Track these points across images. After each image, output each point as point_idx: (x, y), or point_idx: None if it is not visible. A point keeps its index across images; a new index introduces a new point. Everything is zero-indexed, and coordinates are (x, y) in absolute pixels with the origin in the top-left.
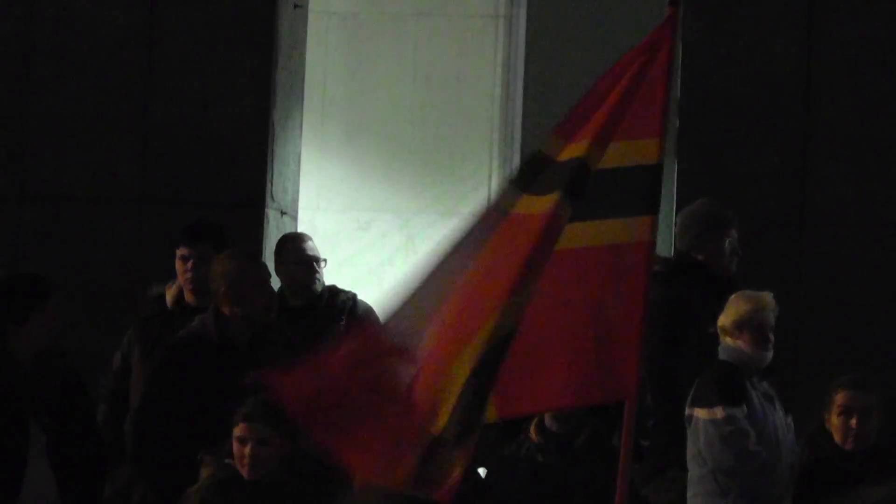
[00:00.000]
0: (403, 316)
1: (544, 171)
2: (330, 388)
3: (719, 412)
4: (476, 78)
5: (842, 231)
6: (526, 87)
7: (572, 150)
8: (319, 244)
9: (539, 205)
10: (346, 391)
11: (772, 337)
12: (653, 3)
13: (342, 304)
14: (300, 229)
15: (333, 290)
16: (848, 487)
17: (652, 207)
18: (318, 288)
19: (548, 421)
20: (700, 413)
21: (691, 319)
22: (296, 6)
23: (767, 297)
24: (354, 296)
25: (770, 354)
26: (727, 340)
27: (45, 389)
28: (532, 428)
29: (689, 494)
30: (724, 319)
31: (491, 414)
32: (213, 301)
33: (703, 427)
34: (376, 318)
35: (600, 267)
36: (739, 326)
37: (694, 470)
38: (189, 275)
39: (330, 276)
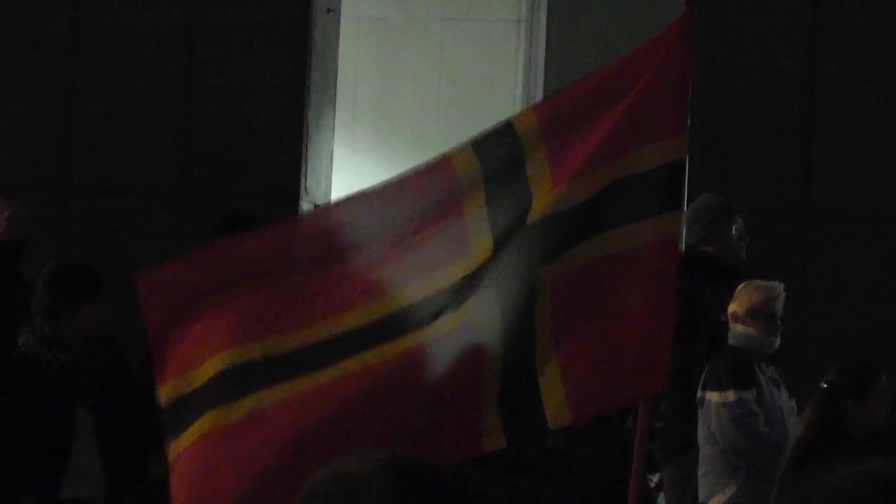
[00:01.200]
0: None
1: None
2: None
3: (731, 395)
4: (498, 79)
5: (843, 225)
6: (546, 88)
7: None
8: None
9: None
10: None
11: (780, 324)
12: (672, 6)
13: None
14: None
15: None
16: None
17: (677, 203)
18: None
19: None
20: (712, 396)
21: (702, 310)
22: (329, 10)
23: (778, 286)
24: None
25: (778, 341)
26: (738, 327)
27: (93, 372)
28: None
29: (700, 473)
30: (737, 307)
31: (564, 418)
32: None
33: (715, 409)
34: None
35: (634, 268)
36: (752, 314)
37: (705, 450)
38: None
39: None
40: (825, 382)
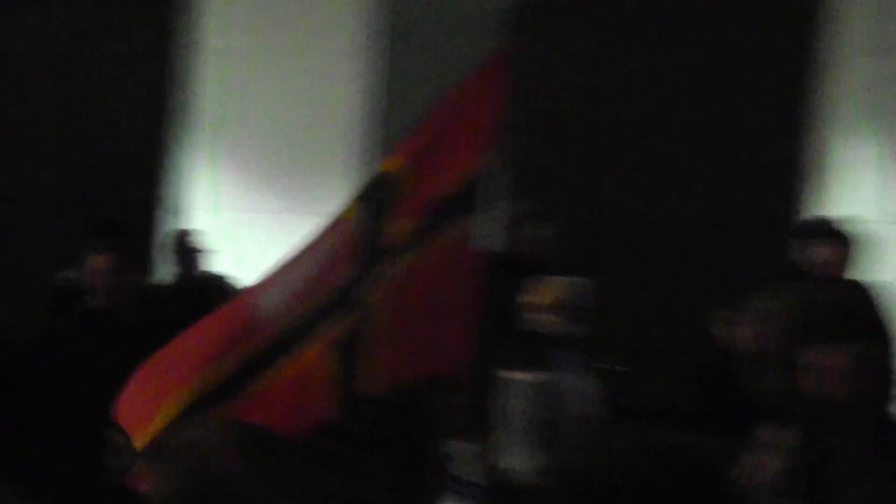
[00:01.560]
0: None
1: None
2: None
3: (523, 374)
4: (341, 103)
5: (636, 227)
6: (386, 112)
7: (392, 165)
8: (209, 240)
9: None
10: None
11: (583, 315)
12: (507, 32)
13: (215, 284)
14: (191, 228)
15: (206, 275)
16: None
17: (471, 209)
18: (196, 273)
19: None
20: (507, 374)
21: (503, 302)
22: (191, 43)
23: (580, 281)
24: (221, 278)
25: (582, 329)
26: (537, 316)
27: None
28: None
29: (495, 445)
30: (537, 299)
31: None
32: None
33: (509, 387)
34: (239, 293)
35: (439, 266)
36: (552, 307)
37: (500, 425)
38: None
39: (220, 266)
40: (610, 365)
